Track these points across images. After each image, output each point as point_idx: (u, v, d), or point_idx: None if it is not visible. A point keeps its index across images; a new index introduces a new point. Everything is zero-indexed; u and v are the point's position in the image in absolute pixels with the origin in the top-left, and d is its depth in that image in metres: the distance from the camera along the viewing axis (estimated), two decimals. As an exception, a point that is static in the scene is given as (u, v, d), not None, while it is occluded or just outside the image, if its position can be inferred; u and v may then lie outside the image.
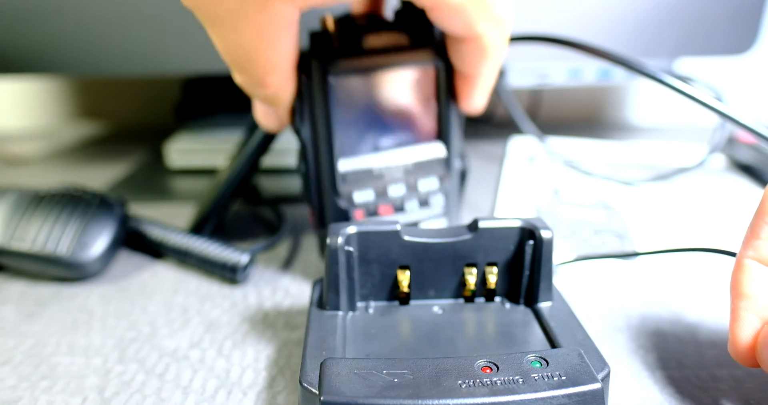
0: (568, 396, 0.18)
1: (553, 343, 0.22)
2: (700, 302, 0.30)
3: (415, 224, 0.29)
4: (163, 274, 0.33)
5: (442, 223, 0.31)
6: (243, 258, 0.32)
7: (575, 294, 0.31)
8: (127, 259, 0.35)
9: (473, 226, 0.24)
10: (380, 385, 0.18)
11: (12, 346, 0.27)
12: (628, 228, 0.37)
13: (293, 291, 0.32)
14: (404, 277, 0.24)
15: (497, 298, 0.25)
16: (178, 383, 0.24)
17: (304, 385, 0.19)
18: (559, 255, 0.33)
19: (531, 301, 0.24)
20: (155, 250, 0.35)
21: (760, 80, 0.68)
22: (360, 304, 0.25)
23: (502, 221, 0.24)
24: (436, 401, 0.17)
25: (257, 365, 0.25)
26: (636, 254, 0.30)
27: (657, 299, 0.30)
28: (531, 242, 0.24)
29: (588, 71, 0.53)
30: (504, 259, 0.25)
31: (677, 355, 0.26)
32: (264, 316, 0.29)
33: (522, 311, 0.24)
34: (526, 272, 0.24)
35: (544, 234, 0.24)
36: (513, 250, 0.24)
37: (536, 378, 0.18)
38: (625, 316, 0.29)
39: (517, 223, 0.24)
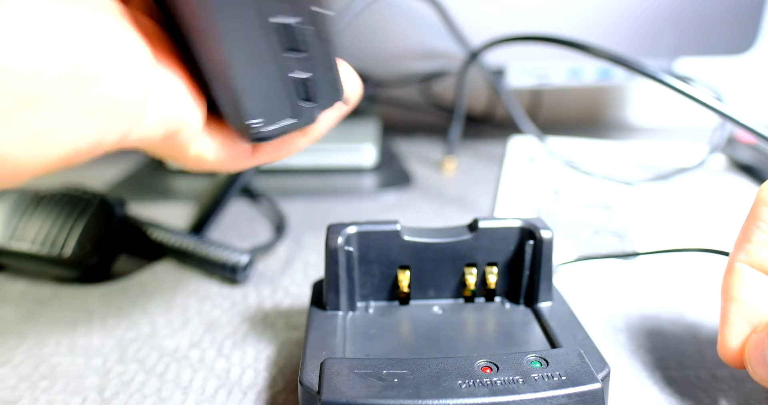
0: (568, 396, 0.18)
1: (553, 343, 0.22)
2: (700, 302, 0.30)
3: None
4: (163, 274, 0.33)
5: None
6: (243, 258, 0.32)
7: (575, 294, 0.31)
8: (127, 259, 0.35)
9: (473, 226, 0.24)
10: (380, 385, 0.18)
11: (12, 346, 0.27)
12: (628, 228, 0.37)
13: (293, 291, 0.32)
14: (404, 277, 0.24)
15: (497, 298, 0.25)
16: (178, 383, 0.24)
17: (304, 384, 0.19)
18: (559, 255, 0.33)
19: (531, 301, 0.24)
20: (155, 250, 0.35)
21: (760, 80, 0.68)
22: (360, 304, 0.25)
23: (502, 221, 0.24)
24: (436, 401, 0.17)
25: (257, 365, 0.25)
26: (636, 254, 0.30)
27: (657, 299, 0.30)
28: (531, 242, 0.24)
29: (588, 71, 0.53)
30: (504, 259, 0.25)
31: (677, 355, 0.26)
32: (264, 316, 0.29)
33: (522, 311, 0.24)
34: (526, 272, 0.24)
35: (544, 234, 0.24)
36: (513, 250, 0.24)
37: (536, 378, 0.18)
38: (625, 316, 0.29)
39: (517, 223, 0.24)
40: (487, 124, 0.65)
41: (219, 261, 0.32)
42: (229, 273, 0.32)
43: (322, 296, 0.24)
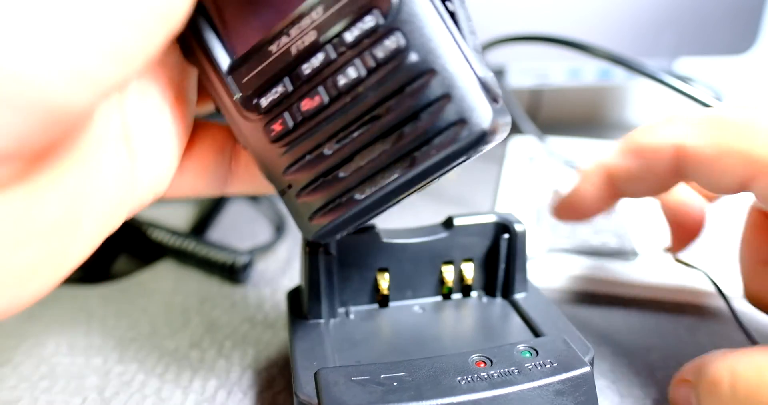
0: (563, 381, 0.18)
1: (535, 332, 0.22)
2: (699, 302, 0.30)
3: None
4: (163, 274, 0.33)
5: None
6: (243, 258, 0.32)
7: (575, 293, 0.31)
8: (127, 259, 0.35)
9: (448, 224, 0.24)
10: (381, 390, 0.18)
11: (12, 346, 0.27)
12: (628, 228, 0.37)
13: (293, 291, 0.32)
14: (384, 280, 0.24)
15: (474, 293, 0.25)
16: (178, 383, 0.24)
17: (301, 398, 0.19)
18: (560, 254, 0.33)
19: (507, 293, 0.25)
20: (155, 250, 0.35)
21: (760, 80, 0.68)
22: (340, 310, 0.24)
23: (476, 217, 0.24)
24: (439, 400, 0.17)
25: (257, 365, 0.25)
26: (635, 254, 0.30)
27: (657, 299, 0.30)
28: (506, 236, 0.24)
29: (588, 71, 0.53)
30: (480, 254, 0.25)
31: (677, 355, 0.26)
32: (264, 316, 0.29)
33: (500, 304, 0.24)
34: (502, 265, 0.24)
35: (518, 227, 0.24)
36: (488, 244, 0.25)
37: (530, 367, 0.18)
38: (625, 316, 0.29)
39: (492, 218, 0.24)
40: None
41: (219, 261, 0.32)
42: (229, 273, 0.32)
43: (300, 305, 0.24)
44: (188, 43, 0.18)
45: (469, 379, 0.18)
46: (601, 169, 0.25)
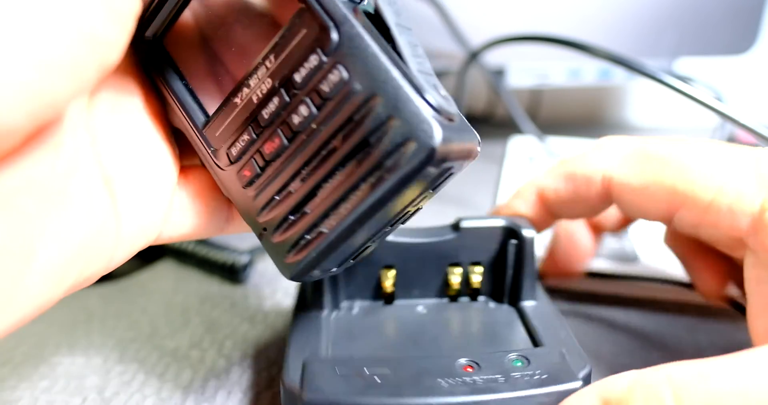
0: (548, 394, 0.18)
1: (535, 342, 0.22)
2: (698, 302, 0.30)
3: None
4: (163, 274, 0.33)
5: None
6: (243, 258, 0.32)
7: (575, 293, 0.31)
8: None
9: (456, 226, 0.24)
10: (362, 385, 0.18)
11: (12, 346, 0.27)
12: (628, 229, 0.37)
13: (293, 291, 0.32)
14: (388, 277, 0.24)
15: (481, 298, 0.25)
16: (178, 383, 0.24)
17: (286, 384, 0.19)
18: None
19: (515, 300, 0.24)
20: (155, 250, 0.35)
21: (760, 80, 0.68)
22: (344, 304, 0.24)
23: (485, 221, 0.24)
24: (417, 399, 0.17)
25: (257, 365, 0.25)
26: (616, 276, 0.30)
27: (657, 299, 0.30)
28: (514, 242, 0.24)
29: (588, 71, 0.53)
30: (488, 258, 0.25)
31: (677, 355, 0.26)
32: (264, 316, 0.29)
33: (506, 310, 0.24)
34: (510, 271, 0.24)
35: (527, 233, 0.24)
36: (496, 249, 0.24)
37: (517, 377, 0.18)
38: (624, 315, 0.29)
39: (501, 223, 0.24)
40: (487, 124, 0.65)
41: (219, 261, 0.32)
42: (229, 273, 0.32)
43: (305, 296, 0.24)
44: (171, 107, 0.19)
45: (451, 381, 0.18)
46: (534, 190, 0.25)
